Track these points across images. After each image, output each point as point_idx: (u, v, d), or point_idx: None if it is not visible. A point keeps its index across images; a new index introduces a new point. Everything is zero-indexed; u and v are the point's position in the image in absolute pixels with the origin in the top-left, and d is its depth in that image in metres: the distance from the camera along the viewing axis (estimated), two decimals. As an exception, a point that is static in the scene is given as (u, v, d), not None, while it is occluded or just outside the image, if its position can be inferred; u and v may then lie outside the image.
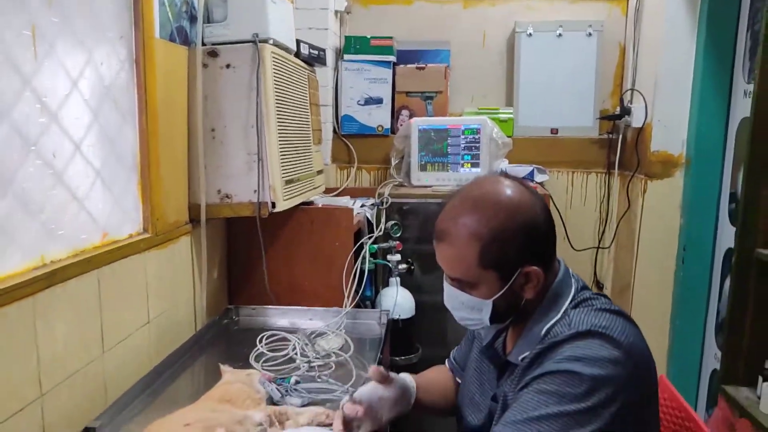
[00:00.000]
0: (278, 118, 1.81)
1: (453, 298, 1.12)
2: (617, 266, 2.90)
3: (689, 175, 2.50)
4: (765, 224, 1.43)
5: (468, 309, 1.10)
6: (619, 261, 2.89)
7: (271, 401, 1.39)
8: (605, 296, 1.11)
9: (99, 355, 1.36)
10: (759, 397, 1.40)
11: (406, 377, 1.32)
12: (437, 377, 1.43)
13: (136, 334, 1.52)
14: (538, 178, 2.66)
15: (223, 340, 1.85)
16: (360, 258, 2.13)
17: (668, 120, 2.51)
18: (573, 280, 1.12)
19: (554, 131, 2.93)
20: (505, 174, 1.12)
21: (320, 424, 1.33)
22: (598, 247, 2.94)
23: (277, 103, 1.80)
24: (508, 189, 1.07)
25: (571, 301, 1.08)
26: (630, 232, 2.71)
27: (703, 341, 2.55)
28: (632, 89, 2.71)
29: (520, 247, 1.04)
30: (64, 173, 1.26)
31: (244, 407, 1.29)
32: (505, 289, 1.06)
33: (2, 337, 1.07)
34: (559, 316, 1.06)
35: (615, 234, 2.88)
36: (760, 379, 1.41)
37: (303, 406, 1.40)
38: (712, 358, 2.43)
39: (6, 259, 1.09)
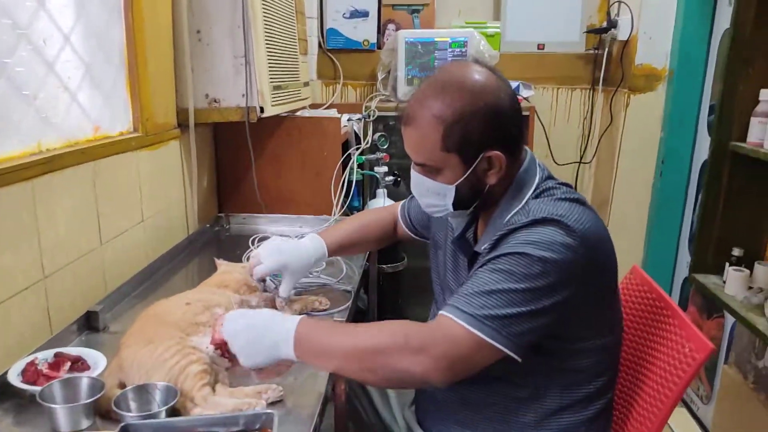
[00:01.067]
0: (264, 21, 1.80)
1: (419, 184, 1.14)
2: (597, 181, 2.98)
3: (671, 88, 2.54)
4: (740, 118, 1.48)
5: (433, 195, 1.12)
6: (599, 175, 2.96)
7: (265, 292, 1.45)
8: (568, 185, 1.13)
9: (98, 245, 1.41)
10: (724, 282, 1.50)
11: (314, 237, 1.42)
12: (352, 228, 1.51)
13: (131, 231, 1.56)
14: (524, 93, 2.68)
15: (214, 244, 1.90)
16: (348, 169, 2.16)
17: (653, 32, 2.52)
18: (539, 169, 1.13)
19: (541, 47, 2.93)
20: (475, 60, 1.12)
21: (313, 310, 1.40)
22: (579, 162, 3.00)
23: (263, 4, 1.78)
24: (475, 73, 1.06)
25: (534, 191, 1.10)
26: (611, 147, 2.77)
27: (676, 252, 2.66)
28: (619, 1, 2.69)
29: (482, 130, 1.04)
30: (56, 62, 1.26)
31: (241, 293, 1.35)
32: (468, 173, 1.07)
33: (6, 216, 1.10)
34: (521, 205, 1.09)
35: (596, 149, 2.94)
36: (727, 265, 1.50)
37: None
38: (685, 268, 2.55)
39: (4, 141, 1.11)
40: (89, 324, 1.27)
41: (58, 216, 1.25)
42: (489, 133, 1.05)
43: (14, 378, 1.01)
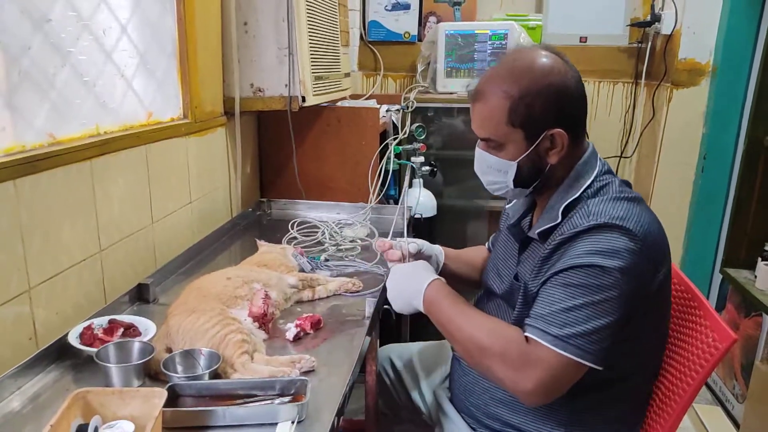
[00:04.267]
0: (308, 13, 1.86)
1: (481, 161, 1.19)
2: (638, 175, 2.95)
3: (715, 83, 2.50)
4: (777, 113, 1.48)
5: (495, 171, 1.17)
6: (640, 170, 2.93)
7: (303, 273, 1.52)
8: (626, 181, 1.16)
9: (149, 224, 1.50)
10: (755, 276, 1.50)
11: (434, 247, 1.44)
12: (470, 251, 1.54)
13: (180, 212, 1.66)
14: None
15: (256, 228, 1.99)
16: (385, 158, 2.21)
17: (697, 26, 2.49)
18: (599, 163, 1.16)
19: (583, 39, 2.92)
20: (545, 46, 1.16)
21: (347, 291, 1.47)
22: (620, 156, 2.98)
23: (307, -2, 1.85)
24: (544, 57, 1.11)
25: (591, 183, 1.13)
26: (653, 141, 2.74)
27: (716, 249, 2.63)
28: (664, -5, 2.66)
29: (547, 107, 1.08)
30: (114, 51, 1.35)
31: (279, 272, 1.43)
32: (530, 150, 1.11)
33: (67, 193, 1.20)
34: (577, 194, 1.12)
35: (638, 143, 2.91)
36: (759, 260, 1.50)
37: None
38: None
39: (68, 123, 1.21)
40: (140, 295, 1.37)
41: (113, 195, 1.34)
42: (553, 111, 1.09)
43: (73, 339, 1.10)
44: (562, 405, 1.14)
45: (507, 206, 1.37)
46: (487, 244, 1.55)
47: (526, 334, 1.05)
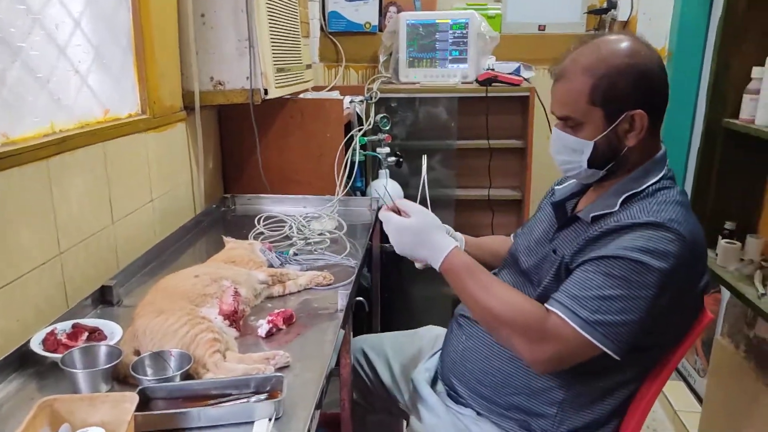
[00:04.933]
0: (267, 4, 1.83)
1: (558, 140, 1.18)
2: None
3: (670, 68, 2.56)
4: (734, 95, 1.52)
5: (570, 151, 1.16)
6: (599, 156, 2.98)
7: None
8: (684, 192, 1.17)
9: (109, 223, 1.46)
10: (716, 254, 1.54)
11: (456, 234, 1.46)
12: (495, 240, 1.56)
13: (141, 210, 1.61)
14: (525, 74, 2.71)
15: (221, 224, 1.95)
16: (350, 150, 2.19)
17: (653, 13, 2.55)
18: (666, 167, 1.17)
19: (542, 28, 2.95)
20: (629, 32, 1.17)
21: (318, 285, 1.45)
22: (580, 143, 3.03)
23: (266, -12, 1.81)
24: (628, 41, 1.12)
25: (654, 183, 1.13)
26: (611, 126, 2.79)
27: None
28: (619, -18, 2.71)
29: (629, 87, 1.08)
30: (67, 46, 1.30)
31: (248, 269, 1.40)
32: (608, 130, 1.11)
33: (24, 195, 1.15)
34: (640, 189, 1.12)
35: (597, 129, 2.96)
36: (720, 238, 1.54)
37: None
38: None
39: (21, 122, 1.16)
40: (103, 298, 1.33)
41: (71, 195, 1.30)
42: (636, 92, 1.09)
43: (36, 346, 1.06)
44: (560, 386, 1.16)
45: (556, 186, 1.37)
46: (512, 236, 1.55)
47: (551, 308, 1.07)
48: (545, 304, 1.09)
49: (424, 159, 1.48)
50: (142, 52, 1.59)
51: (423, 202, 1.38)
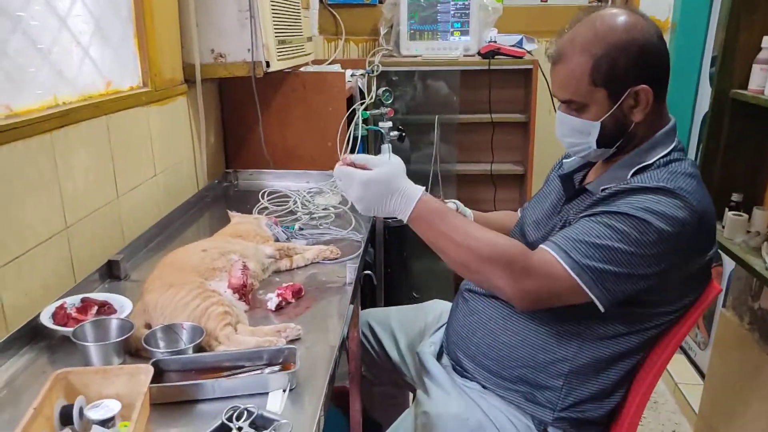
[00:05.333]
0: (268, -26, 1.79)
1: (563, 124, 1.17)
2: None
3: (674, 40, 2.54)
4: (741, 66, 1.50)
5: (577, 133, 1.14)
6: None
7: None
8: (695, 164, 1.16)
9: (114, 198, 1.44)
10: (723, 227, 1.54)
11: (464, 209, 1.46)
12: (502, 216, 1.55)
13: (145, 185, 1.60)
14: (527, 46, 2.67)
15: (224, 200, 1.94)
16: (353, 124, 2.17)
17: (657, -17, 2.51)
18: (676, 139, 1.15)
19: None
20: (623, 6, 1.14)
21: (326, 259, 1.45)
22: (582, 117, 3.01)
23: (267, -43, 1.77)
24: (624, 14, 1.10)
25: (665, 155, 1.11)
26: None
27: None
28: (623, -48, 2.67)
29: (630, 63, 1.06)
30: (68, 16, 1.27)
31: (255, 243, 1.39)
32: (614, 109, 1.09)
33: (28, 168, 1.13)
34: (650, 161, 1.11)
35: (599, 103, 2.94)
36: (726, 209, 1.54)
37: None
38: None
39: (24, 94, 1.14)
40: (111, 273, 1.32)
41: (76, 168, 1.28)
42: (637, 67, 1.07)
43: (46, 320, 1.06)
44: (565, 358, 1.17)
45: (564, 159, 1.36)
46: (519, 210, 1.54)
47: (544, 247, 1.06)
48: (540, 246, 1.09)
49: (437, 131, 1.45)
50: (143, 23, 1.56)
51: (434, 176, 1.38)
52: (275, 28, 1.87)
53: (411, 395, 1.74)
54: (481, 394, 1.24)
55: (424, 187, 1.16)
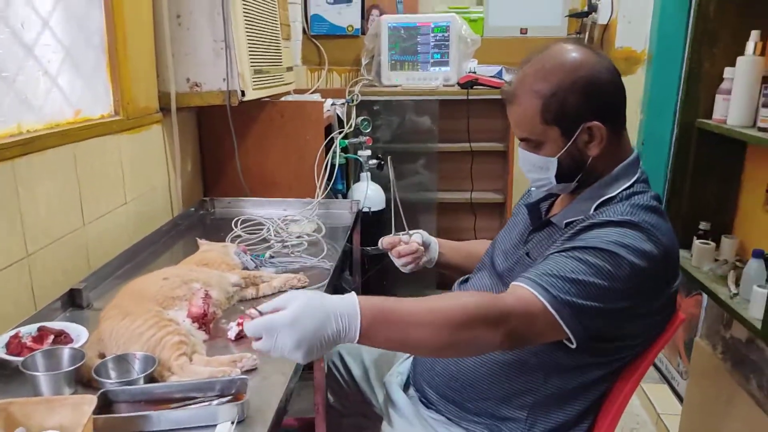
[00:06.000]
0: (244, 5, 1.82)
1: (524, 160, 1.18)
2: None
3: (651, 71, 2.57)
4: (706, 96, 1.52)
5: (537, 169, 1.15)
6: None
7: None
8: (658, 197, 1.15)
9: (80, 226, 1.44)
10: (691, 255, 1.55)
11: (429, 238, 1.45)
12: (474, 244, 1.54)
13: (115, 212, 1.59)
14: (507, 77, 2.71)
15: (199, 228, 1.93)
16: (331, 152, 2.19)
17: (632, 15, 2.56)
18: (639, 171, 1.15)
19: (524, 31, 2.95)
20: (575, 41, 1.15)
21: (293, 287, 1.44)
22: (562, 146, 3.03)
23: (242, -11, 1.80)
24: (572, 51, 1.11)
25: (628, 188, 1.12)
26: (593, 129, 2.80)
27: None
28: (599, -15, 2.72)
29: (579, 102, 1.07)
30: (35, 46, 1.28)
31: (221, 271, 1.39)
32: (568, 145, 1.10)
33: (-14, 195, 1.13)
34: (613, 194, 1.12)
35: (579, 132, 2.97)
36: (695, 238, 1.55)
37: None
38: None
39: (-17, 122, 1.14)
40: (73, 301, 1.31)
41: (39, 196, 1.28)
42: (586, 104, 1.08)
43: (-2, 349, 1.04)
44: (529, 390, 1.15)
45: (532, 187, 1.35)
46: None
47: (518, 284, 1.03)
48: (512, 283, 1.06)
49: (390, 162, 1.47)
50: (115, 52, 1.58)
51: (395, 206, 1.39)
52: (251, 59, 1.89)
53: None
54: (446, 426, 1.23)
55: (352, 291, 0.98)
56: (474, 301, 1.00)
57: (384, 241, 1.39)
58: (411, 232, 1.41)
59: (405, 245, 1.38)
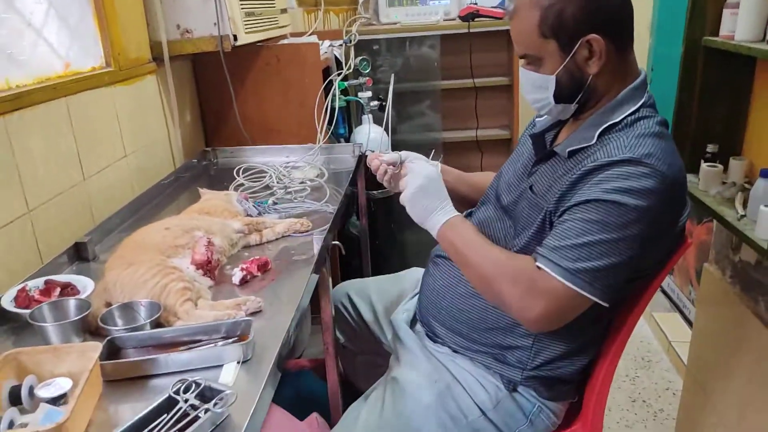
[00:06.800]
0: (231, -56, 1.75)
1: (524, 80, 1.16)
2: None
3: (659, -8, 2.47)
4: (713, 13, 1.45)
5: (536, 89, 1.13)
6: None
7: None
8: (665, 122, 1.12)
9: (80, 180, 1.44)
10: (699, 179, 1.52)
11: (431, 161, 1.41)
12: (478, 176, 1.53)
13: (115, 166, 1.59)
14: (508, 5, 2.62)
15: (202, 178, 1.93)
16: (330, 95, 2.15)
17: (639, -67, 2.43)
18: (646, 95, 1.12)
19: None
20: None
21: (296, 233, 1.44)
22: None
23: (227, -73, 1.73)
24: None
25: (633, 113, 1.08)
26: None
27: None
28: None
29: (578, 12, 1.04)
30: (14, -3, 1.25)
31: (222, 218, 1.39)
32: (567, 61, 1.07)
33: (-20, 153, 1.13)
34: (617, 119, 1.08)
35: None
36: (702, 162, 1.51)
37: (280, 220, 1.50)
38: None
39: (-31, 78, 1.13)
40: (79, 254, 1.32)
41: (36, 152, 1.27)
42: (585, 16, 1.04)
43: (7, 303, 1.06)
44: None
45: (536, 118, 1.33)
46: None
47: (537, 264, 1.05)
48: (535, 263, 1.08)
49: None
50: (102, 2, 1.53)
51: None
52: (242, 1, 1.83)
53: (394, 363, 1.74)
54: (451, 357, 1.24)
55: (457, 213, 1.21)
56: (513, 268, 1.09)
57: (368, 159, 1.36)
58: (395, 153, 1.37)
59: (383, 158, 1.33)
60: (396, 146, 2.55)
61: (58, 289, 1.12)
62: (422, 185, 1.20)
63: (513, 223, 1.21)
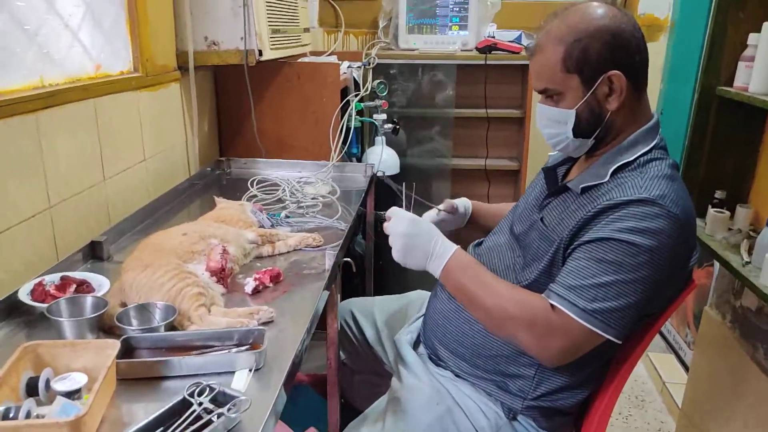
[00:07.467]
0: (263, -37, 1.81)
1: (542, 114, 1.19)
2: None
3: (673, 39, 2.52)
4: (728, 63, 1.50)
5: (554, 123, 1.16)
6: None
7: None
8: (676, 165, 1.15)
9: (100, 180, 1.46)
10: (705, 224, 1.54)
11: (465, 202, 1.52)
12: (499, 206, 1.59)
13: (134, 169, 1.62)
14: (525, 42, 2.68)
15: (215, 187, 1.95)
16: (346, 115, 2.19)
17: (657, -19, 2.50)
18: (658, 137, 1.15)
19: (544, -5, 2.90)
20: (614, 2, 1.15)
21: (308, 246, 1.46)
22: (579, 114, 3.01)
23: (261, -54, 1.79)
24: (599, 7, 1.11)
25: (645, 153, 1.11)
26: (611, 98, 2.77)
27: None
28: (624, -51, 2.66)
29: (602, 48, 1.07)
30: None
31: (237, 228, 1.41)
32: (588, 95, 1.10)
33: (11, 147, 1.15)
34: (631, 158, 1.11)
35: (597, 101, 2.94)
36: (709, 207, 1.54)
37: (292, 234, 1.52)
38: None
39: (8, 74, 1.16)
40: (94, 253, 1.34)
41: (61, 150, 1.30)
42: (609, 53, 1.08)
43: (24, 296, 1.08)
44: None
45: (550, 153, 1.37)
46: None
47: (552, 302, 1.08)
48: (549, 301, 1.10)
49: (404, 187, 1.50)
50: (135, 8, 1.58)
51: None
52: (269, 18, 1.88)
53: (392, 384, 1.75)
54: (453, 382, 1.26)
55: (457, 246, 1.23)
56: (525, 305, 1.11)
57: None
58: (440, 207, 1.46)
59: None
60: (405, 170, 2.58)
61: (74, 286, 1.14)
62: (404, 233, 1.23)
63: (522, 253, 1.23)
